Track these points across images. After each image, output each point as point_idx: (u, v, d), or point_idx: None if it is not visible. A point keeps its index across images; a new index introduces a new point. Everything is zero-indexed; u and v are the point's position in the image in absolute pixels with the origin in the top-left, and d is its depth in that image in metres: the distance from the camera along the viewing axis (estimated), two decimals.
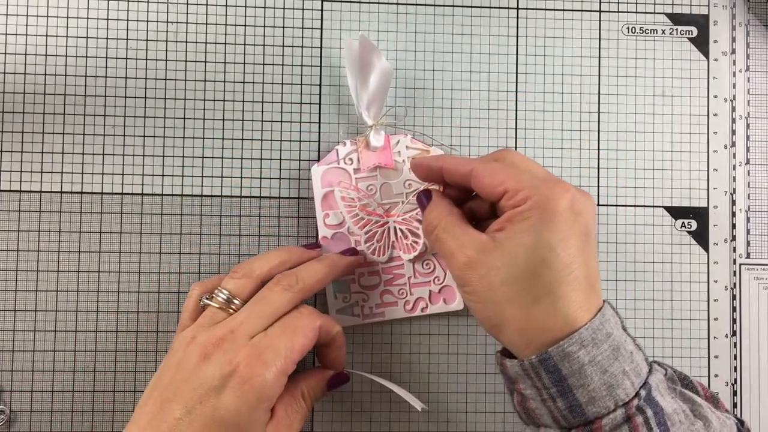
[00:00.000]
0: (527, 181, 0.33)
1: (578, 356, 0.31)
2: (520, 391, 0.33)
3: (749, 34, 0.46)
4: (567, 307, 0.32)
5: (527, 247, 0.32)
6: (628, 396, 0.31)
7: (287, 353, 0.34)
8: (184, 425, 0.32)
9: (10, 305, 0.42)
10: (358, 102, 0.42)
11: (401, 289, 0.43)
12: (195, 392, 0.33)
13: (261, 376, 0.33)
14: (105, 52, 0.43)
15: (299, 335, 0.35)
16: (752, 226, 0.46)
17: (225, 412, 0.32)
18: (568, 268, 0.32)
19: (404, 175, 0.43)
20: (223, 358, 0.33)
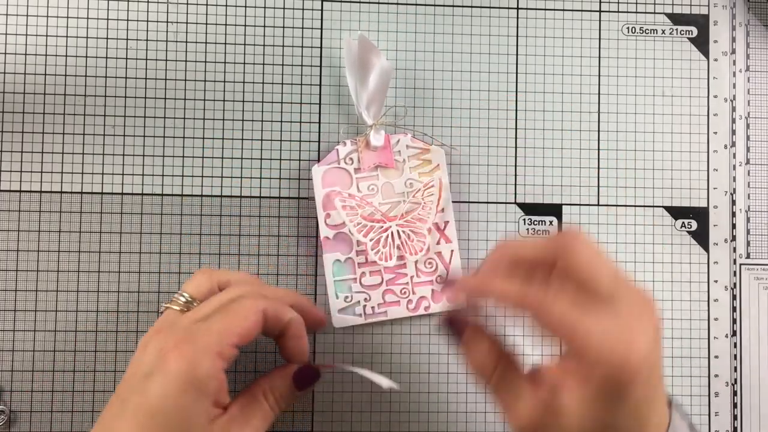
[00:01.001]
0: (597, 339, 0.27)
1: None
2: None
3: (749, 34, 0.46)
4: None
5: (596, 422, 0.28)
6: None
7: (221, 335, 0.31)
8: (117, 419, 0.31)
9: (10, 305, 0.42)
10: (358, 101, 0.42)
11: (404, 289, 0.43)
12: (128, 383, 0.31)
13: (189, 358, 0.30)
14: (105, 52, 0.43)
15: (238, 317, 0.32)
16: (752, 226, 0.46)
17: (154, 399, 0.30)
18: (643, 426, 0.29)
19: (405, 174, 0.43)
20: (156, 346, 0.31)
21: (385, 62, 0.42)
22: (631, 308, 0.28)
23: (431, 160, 0.43)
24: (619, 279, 0.29)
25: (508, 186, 0.45)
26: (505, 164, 0.45)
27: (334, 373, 0.43)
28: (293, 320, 0.35)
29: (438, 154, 0.43)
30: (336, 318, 0.42)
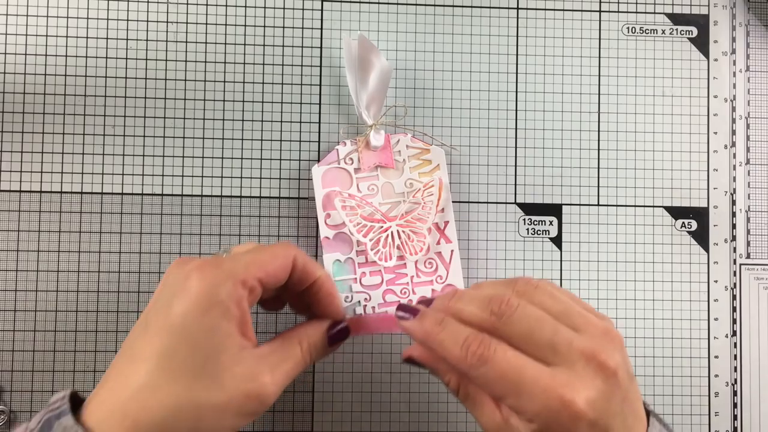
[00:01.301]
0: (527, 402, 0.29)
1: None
2: None
3: (749, 34, 0.46)
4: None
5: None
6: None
7: (247, 265, 0.31)
8: (140, 339, 0.30)
9: (10, 305, 0.42)
10: (358, 101, 0.42)
11: (404, 289, 0.43)
12: (152, 304, 0.31)
13: (210, 278, 0.30)
14: (105, 52, 0.43)
15: (266, 254, 0.32)
16: (752, 226, 0.46)
17: (176, 318, 0.30)
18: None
19: (405, 174, 0.43)
20: (179, 270, 0.31)
21: (384, 62, 0.42)
22: (574, 365, 0.30)
23: (431, 160, 0.43)
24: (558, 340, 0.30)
25: (508, 186, 0.45)
26: (505, 164, 0.45)
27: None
28: (323, 277, 0.35)
29: (438, 154, 0.43)
30: None
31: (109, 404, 0.29)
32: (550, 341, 0.30)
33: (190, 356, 0.29)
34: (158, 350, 0.29)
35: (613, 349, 0.30)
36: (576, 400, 0.29)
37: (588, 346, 0.30)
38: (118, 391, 0.29)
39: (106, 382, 0.30)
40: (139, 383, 0.29)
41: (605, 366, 0.30)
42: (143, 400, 0.29)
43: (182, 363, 0.29)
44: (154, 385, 0.29)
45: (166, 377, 0.29)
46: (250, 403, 0.30)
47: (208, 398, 0.29)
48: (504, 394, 0.30)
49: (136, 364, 0.30)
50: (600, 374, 0.29)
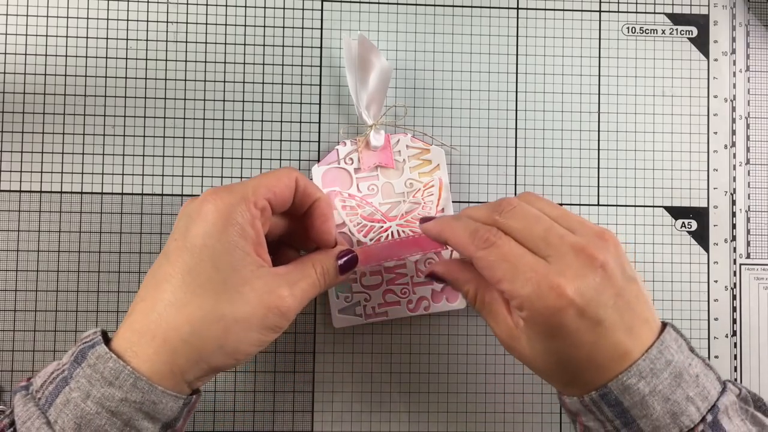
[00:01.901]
0: (521, 286, 0.32)
1: (638, 388, 0.31)
2: (583, 423, 0.34)
3: (749, 34, 0.46)
4: (603, 363, 0.32)
5: (541, 351, 0.33)
6: (693, 422, 0.31)
7: (255, 187, 0.33)
8: (163, 266, 0.32)
9: (10, 305, 0.42)
10: (358, 101, 0.42)
11: (404, 289, 0.43)
12: (171, 235, 0.33)
13: (224, 201, 0.32)
14: (105, 52, 0.43)
15: (272, 177, 0.34)
16: (752, 226, 0.46)
17: (196, 239, 0.31)
18: (587, 361, 0.32)
19: (405, 174, 0.43)
20: (195, 200, 0.33)
21: (384, 62, 0.42)
22: (564, 257, 0.32)
23: (431, 160, 0.43)
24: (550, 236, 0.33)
25: (508, 186, 0.45)
26: (505, 164, 0.45)
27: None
28: (322, 198, 0.36)
29: (438, 154, 0.43)
30: (336, 318, 0.42)
31: (138, 327, 0.31)
32: (543, 235, 0.33)
33: (212, 273, 0.31)
34: (181, 269, 0.31)
35: (605, 247, 0.32)
36: (564, 286, 0.31)
37: (578, 241, 0.32)
38: (145, 313, 0.31)
39: (132, 313, 0.32)
40: (165, 302, 0.31)
41: (594, 258, 0.32)
42: (170, 317, 0.31)
43: (205, 280, 0.31)
44: (180, 302, 0.31)
45: (191, 294, 0.31)
46: (271, 314, 0.32)
47: (232, 311, 0.31)
48: (501, 278, 0.32)
49: (160, 286, 0.31)
50: (589, 266, 0.31)
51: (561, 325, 0.31)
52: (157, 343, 0.30)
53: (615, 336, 0.32)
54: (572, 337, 0.31)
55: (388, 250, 0.41)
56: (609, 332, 0.31)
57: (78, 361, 0.31)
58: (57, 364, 0.32)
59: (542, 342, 0.32)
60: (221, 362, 0.32)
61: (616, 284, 0.32)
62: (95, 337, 0.31)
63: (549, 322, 0.31)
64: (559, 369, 0.33)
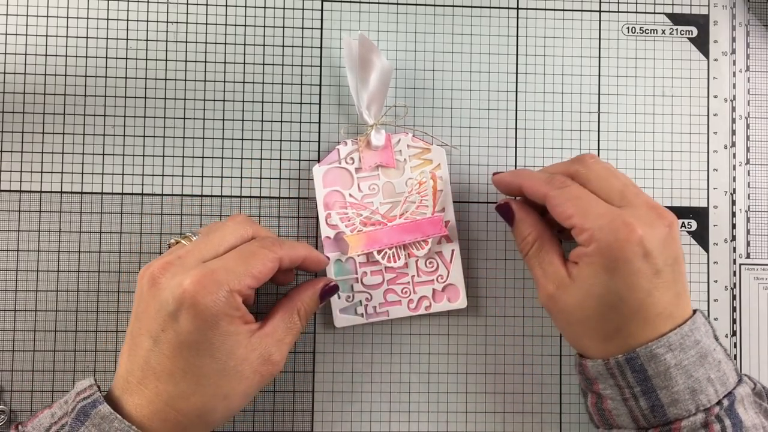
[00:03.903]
0: (593, 220, 0.33)
1: (665, 359, 0.32)
2: (599, 391, 0.34)
3: (749, 34, 0.46)
4: (639, 341, 0.33)
5: (595, 294, 0.33)
6: (710, 402, 0.32)
7: (241, 276, 0.33)
8: (154, 354, 0.33)
9: (10, 305, 0.42)
10: (359, 101, 0.42)
11: (405, 288, 0.43)
12: (155, 321, 0.33)
13: (213, 294, 0.32)
14: (105, 52, 0.43)
15: (257, 261, 0.34)
16: (752, 226, 0.46)
17: (187, 335, 0.32)
18: (640, 310, 0.33)
19: (406, 173, 0.43)
20: (172, 282, 0.33)
21: (385, 62, 0.42)
22: (638, 209, 0.33)
23: (432, 160, 0.43)
24: (627, 191, 0.35)
25: None
26: (505, 164, 0.45)
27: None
28: (308, 257, 0.38)
29: (439, 153, 0.43)
30: (337, 318, 0.42)
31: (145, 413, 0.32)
32: (620, 188, 0.35)
33: (211, 363, 0.33)
34: (182, 366, 0.32)
35: (672, 215, 0.34)
36: (636, 226, 0.32)
37: (651, 200, 0.35)
38: (150, 400, 0.33)
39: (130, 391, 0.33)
40: (170, 394, 0.32)
41: (664, 215, 0.34)
42: (178, 406, 0.33)
43: (207, 371, 0.33)
44: (184, 393, 0.33)
45: (195, 385, 0.33)
46: (266, 379, 0.35)
47: (234, 389, 0.34)
48: (573, 213, 0.34)
49: (161, 379, 0.33)
50: (659, 220, 0.33)
51: (626, 260, 0.32)
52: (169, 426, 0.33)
53: (668, 294, 0.33)
54: (632, 277, 0.32)
55: (390, 236, 0.41)
56: (664, 287, 0.33)
57: (80, 419, 0.31)
58: (50, 416, 0.33)
59: (600, 280, 0.33)
60: (222, 422, 0.35)
61: (676, 248, 0.34)
62: (93, 393, 0.33)
63: (615, 255, 0.32)
64: (606, 316, 0.33)
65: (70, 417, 0.32)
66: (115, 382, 0.34)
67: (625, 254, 0.32)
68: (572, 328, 0.35)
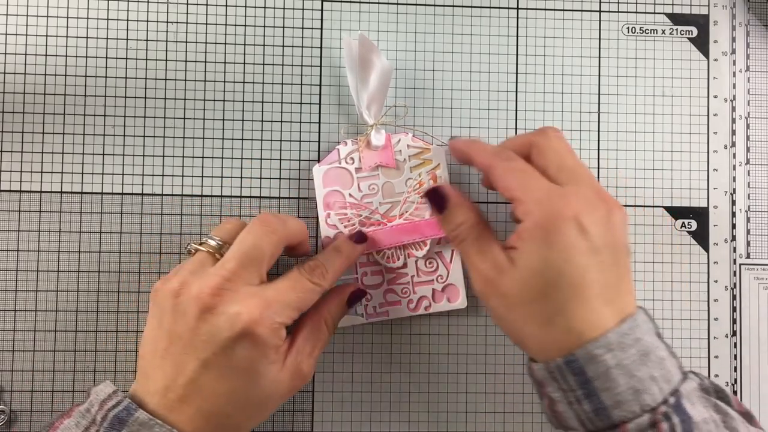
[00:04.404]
0: (534, 193, 0.33)
1: (604, 359, 0.31)
2: (548, 394, 0.34)
3: (749, 34, 0.46)
4: (581, 324, 0.32)
5: (536, 270, 0.32)
6: (655, 402, 0.31)
7: (291, 310, 0.35)
8: (203, 377, 0.33)
9: (10, 305, 0.42)
10: (359, 101, 0.42)
11: (404, 288, 0.43)
12: (207, 345, 0.33)
13: (268, 327, 0.33)
14: (105, 52, 0.43)
15: (306, 296, 0.36)
16: (752, 226, 0.46)
17: (240, 361, 0.33)
18: (578, 288, 0.32)
19: (405, 173, 0.43)
20: (229, 309, 0.33)
21: (385, 62, 0.42)
22: (582, 188, 0.33)
23: (432, 160, 0.43)
24: (579, 170, 0.34)
25: None
26: None
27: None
28: None
29: (438, 153, 0.43)
30: None
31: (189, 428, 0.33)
32: (573, 167, 0.34)
33: (255, 389, 0.34)
34: (228, 391, 0.33)
35: (619, 206, 0.34)
36: (574, 203, 0.32)
37: (600, 186, 0.35)
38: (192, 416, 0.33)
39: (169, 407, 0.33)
40: (213, 414, 0.33)
41: (607, 199, 0.34)
42: (221, 425, 0.34)
43: (250, 395, 0.34)
44: (228, 414, 0.34)
45: (238, 408, 0.34)
46: (296, 390, 0.36)
47: (270, 407, 0.36)
48: (515, 186, 0.34)
49: (207, 400, 0.33)
50: (601, 204, 0.33)
51: (562, 233, 0.32)
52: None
53: (607, 276, 0.32)
54: (569, 251, 0.32)
55: (390, 237, 0.41)
56: (602, 267, 0.32)
57: (115, 428, 0.32)
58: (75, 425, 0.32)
59: (539, 255, 0.32)
60: None
61: (617, 234, 0.33)
62: (122, 400, 0.33)
63: (551, 227, 0.32)
64: (547, 295, 0.32)
65: (102, 426, 0.32)
66: (146, 397, 0.33)
67: (560, 227, 0.32)
68: (512, 314, 0.34)
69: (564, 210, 0.32)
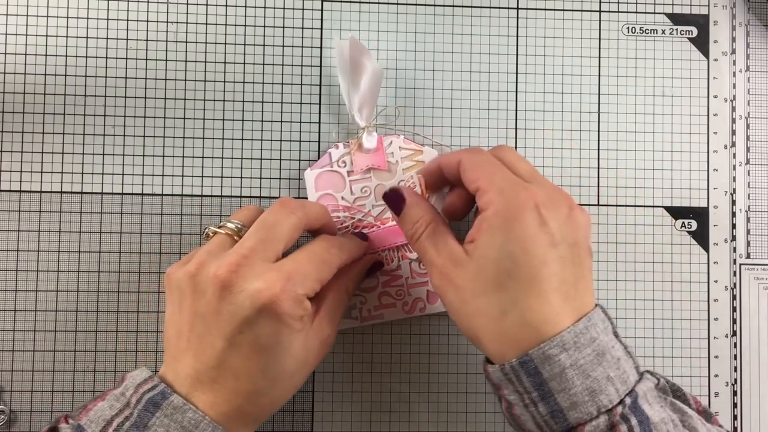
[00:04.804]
0: (497, 183, 0.33)
1: (559, 359, 0.30)
2: (505, 396, 0.33)
3: (749, 34, 0.46)
4: (536, 317, 0.31)
5: (492, 259, 0.32)
6: (611, 402, 0.30)
7: (313, 281, 0.34)
8: (231, 356, 0.33)
9: (10, 305, 0.42)
10: (350, 104, 0.42)
11: (399, 291, 0.43)
12: (230, 323, 0.32)
13: (290, 300, 0.33)
14: (105, 52, 0.43)
15: (325, 268, 0.35)
16: (752, 226, 0.46)
17: (266, 338, 0.33)
18: (535, 279, 0.31)
19: (398, 176, 0.43)
20: (249, 286, 0.32)
21: (376, 64, 0.41)
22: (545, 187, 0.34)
23: (424, 162, 0.43)
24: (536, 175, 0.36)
25: None
26: None
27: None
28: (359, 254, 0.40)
29: (431, 155, 0.43)
30: None
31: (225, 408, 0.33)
32: (530, 171, 0.36)
33: (287, 361, 0.34)
34: (261, 367, 0.33)
35: (581, 209, 0.34)
36: (537, 196, 0.33)
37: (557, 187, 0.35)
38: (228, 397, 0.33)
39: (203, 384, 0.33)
40: (250, 392, 0.33)
41: (570, 203, 0.34)
42: (259, 403, 0.34)
43: (284, 368, 0.34)
44: (265, 391, 0.34)
45: (273, 382, 0.34)
46: (323, 356, 0.37)
47: (303, 376, 0.36)
48: (481, 176, 0.34)
49: (240, 379, 0.33)
50: (563, 204, 0.33)
51: (522, 222, 0.32)
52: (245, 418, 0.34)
53: (565, 272, 0.32)
54: (528, 242, 0.32)
55: (384, 239, 0.42)
56: (561, 262, 0.32)
57: (150, 410, 0.31)
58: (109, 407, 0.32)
59: (497, 243, 0.32)
60: None
61: (577, 232, 0.33)
62: (158, 384, 0.32)
63: (511, 215, 0.32)
64: (503, 284, 0.32)
65: (136, 408, 0.31)
66: (177, 380, 0.33)
67: (521, 216, 0.32)
68: (467, 307, 0.33)
69: (526, 200, 0.32)
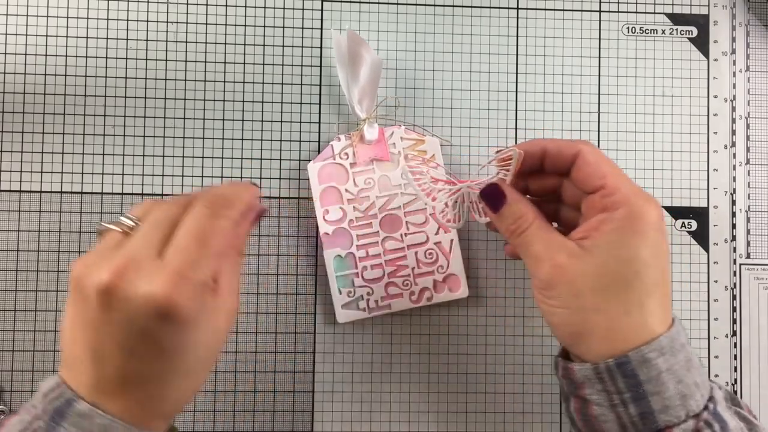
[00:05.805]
0: (626, 186, 0.33)
1: (657, 363, 0.31)
2: (585, 396, 0.33)
3: (749, 34, 0.46)
4: (653, 321, 0.32)
5: (621, 258, 0.32)
6: (698, 408, 0.31)
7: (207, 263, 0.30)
8: (133, 364, 0.29)
9: (10, 305, 0.42)
10: (350, 96, 0.42)
11: (406, 281, 0.43)
12: (127, 333, 0.29)
13: (187, 294, 0.29)
14: (105, 52, 0.43)
15: (215, 240, 0.30)
16: (752, 226, 0.46)
17: (168, 340, 0.29)
18: (657, 284, 0.32)
19: (401, 166, 0.43)
20: (137, 291, 0.28)
21: (375, 55, 0.42)
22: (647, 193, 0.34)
23: (426, 151, 0.43)
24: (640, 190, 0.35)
25: None
26: None
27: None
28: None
29: (433, 143, 0.43)
30: (340, 313, 0.42)
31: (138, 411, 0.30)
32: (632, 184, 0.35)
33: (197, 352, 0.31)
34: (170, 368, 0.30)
35: None
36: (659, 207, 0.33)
37: None
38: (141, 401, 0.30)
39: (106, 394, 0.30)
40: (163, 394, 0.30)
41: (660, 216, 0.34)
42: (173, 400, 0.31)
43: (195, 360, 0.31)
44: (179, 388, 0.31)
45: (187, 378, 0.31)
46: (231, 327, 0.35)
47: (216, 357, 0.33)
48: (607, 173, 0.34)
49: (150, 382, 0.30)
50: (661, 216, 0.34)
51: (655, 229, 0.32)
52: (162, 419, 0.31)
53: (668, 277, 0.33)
54: (657, 248, 0.32)
55: None
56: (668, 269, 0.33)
57: (55, 421, 0.29)
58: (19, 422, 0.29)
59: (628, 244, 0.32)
60: None
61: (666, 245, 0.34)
62: (64, 392, 0.29)
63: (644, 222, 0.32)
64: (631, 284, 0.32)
65: (42, 420, 0.29)
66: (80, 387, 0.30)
67: (654, 224, 0.32)
68: (581, 300, 0.32)
69: (656, 210, 0.33)
